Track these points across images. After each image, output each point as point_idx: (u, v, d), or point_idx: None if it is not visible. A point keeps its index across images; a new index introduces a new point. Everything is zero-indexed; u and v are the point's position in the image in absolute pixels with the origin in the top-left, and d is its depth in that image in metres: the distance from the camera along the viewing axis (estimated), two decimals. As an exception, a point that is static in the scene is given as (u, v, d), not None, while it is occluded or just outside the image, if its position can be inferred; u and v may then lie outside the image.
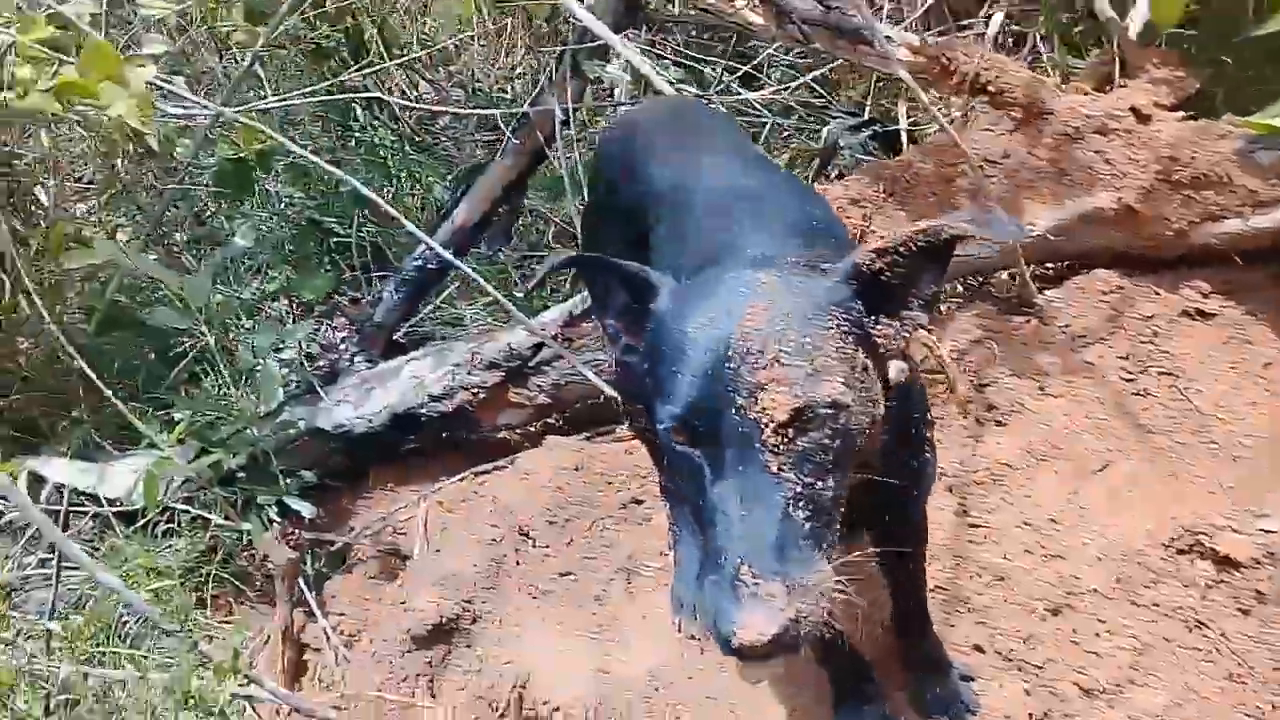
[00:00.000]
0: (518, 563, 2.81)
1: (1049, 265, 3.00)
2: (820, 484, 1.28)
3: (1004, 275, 3.03)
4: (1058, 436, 2.55)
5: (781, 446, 1.25)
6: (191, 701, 2.35)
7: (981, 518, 2.46)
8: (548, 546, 2.80)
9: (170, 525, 3.18)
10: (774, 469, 1.25)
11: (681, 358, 1.32)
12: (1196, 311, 2.70)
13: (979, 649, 2.28)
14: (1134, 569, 2.31)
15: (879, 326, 1.38)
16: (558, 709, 2.34)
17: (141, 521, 3.16)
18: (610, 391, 3.08)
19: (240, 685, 2.46)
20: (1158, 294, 2.75)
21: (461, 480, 3.17)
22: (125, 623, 3.04)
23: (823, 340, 1.30)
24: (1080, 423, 2.57)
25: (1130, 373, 2.63)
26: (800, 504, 1.25)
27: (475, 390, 3.24)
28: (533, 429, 3.34)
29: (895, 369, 1.44)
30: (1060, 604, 2.29)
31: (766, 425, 1.24)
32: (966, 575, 2.37)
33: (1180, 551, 2.33)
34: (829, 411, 1.26)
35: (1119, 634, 2.23)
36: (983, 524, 2.45)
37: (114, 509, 3.16)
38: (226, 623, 3.02)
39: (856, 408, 1.30)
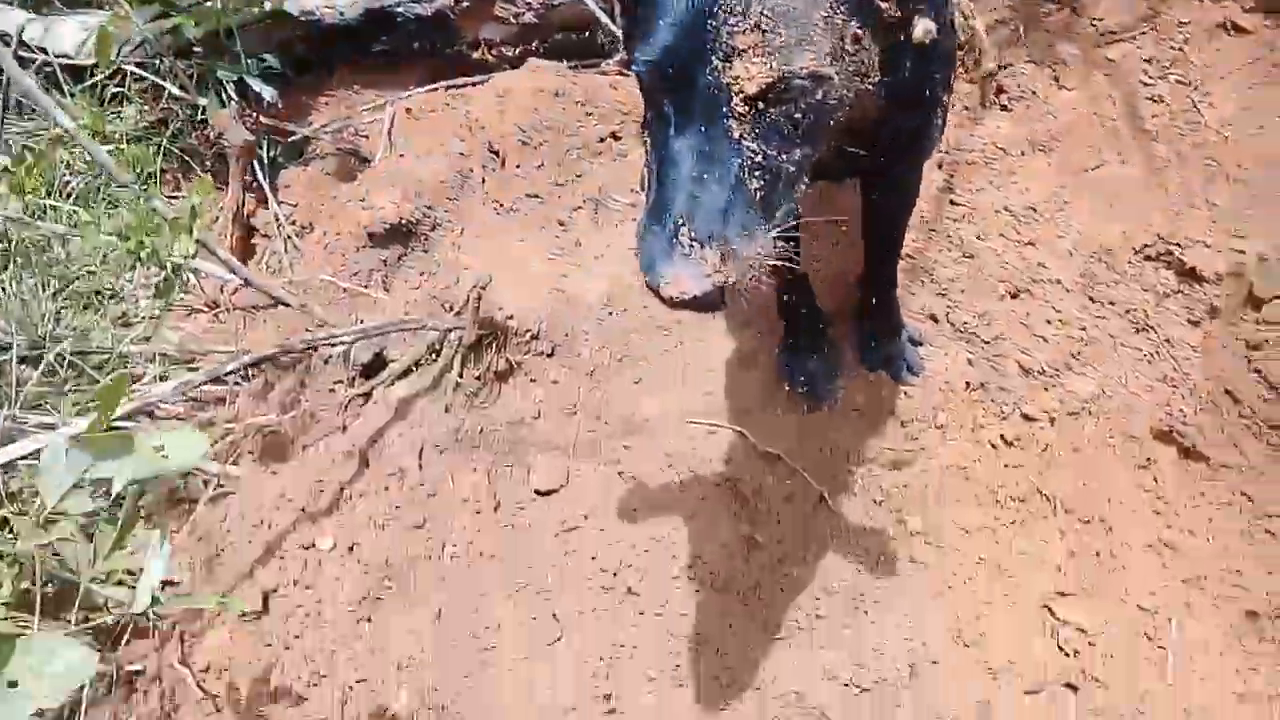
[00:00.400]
0: (484, 180, 2.85)
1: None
2: (784, 155, 1.31)
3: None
4: (1060, 129, 2.59)
5: (749, 115, 1.27)
6: (145, 254, 2.40)
7: (964, 197, 2.54)
8: (517, 167, 2.83)
9: (120, 90, 3.15)
10: (736, 135, 1.28)
11: (666, 2, 1.29)
12: (1232, 25, 2.67)
13: (934, 318, 2.42)
14: (1099, 267, 2.43)
15: None
16: (511, 316, 2.46)
17: (90, 81, 3.11)
18: (604, 18, 3.03)
19: (191, 253, 2.51)
20: (1200, 1, 2.71)
21: (432, 91, 3.15)
22: (68, 183, 3.07)
23: (811, 6, 1.27)
24: (1086, 119, 2.60)
25: (1149, 77, 2.63)
26: (757, 173, 1.29)
27: (459, -4, 3.15)
28: (513, 52, 3.29)
29: (921, 29, 1.42)
30: (1021, 288, 2.42)
31: (737, 94, 1.25)
32: (937, 249, 2.48)
33: (1149, 258, 2.44)
34: (805, 84, 1.27)
35: (1070, 324, 2.39)
36: (964, 203, 2.53)
37: (61, 61, 3.10)
38: (174, 197, 3.06)
39: (839, 80, 1.31)
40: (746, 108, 1.27)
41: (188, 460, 1.58)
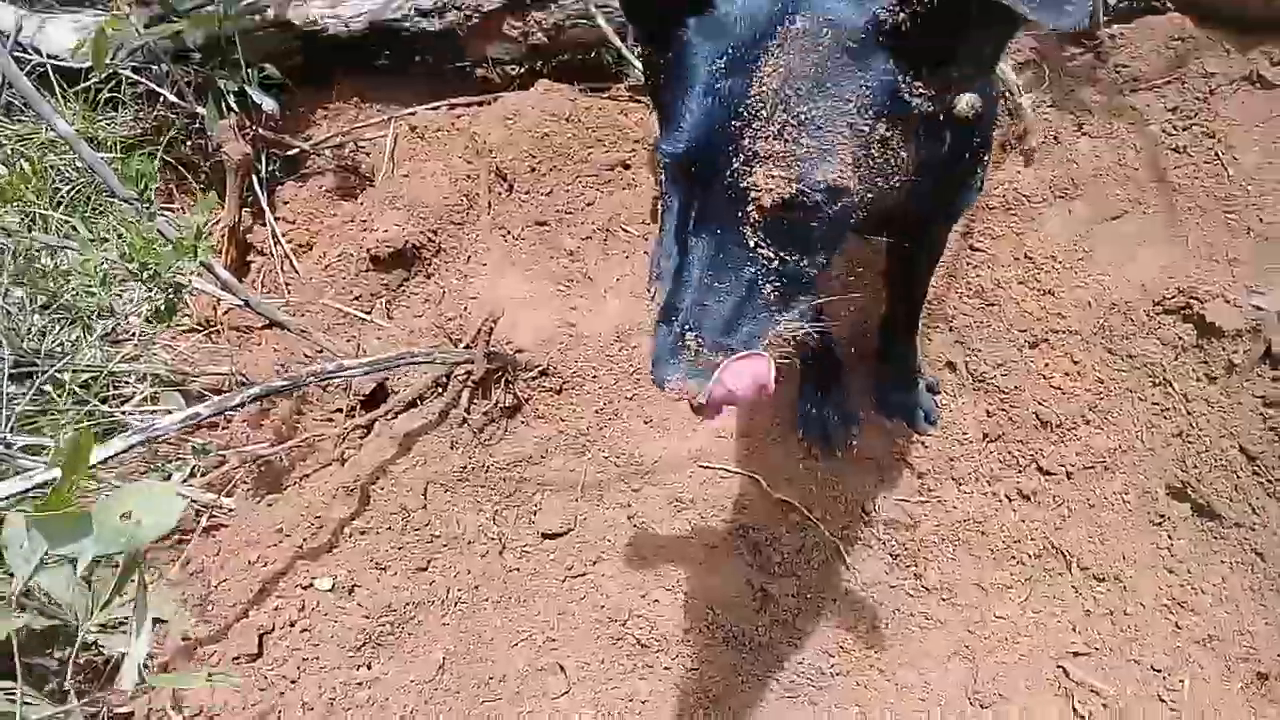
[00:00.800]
0: (490, 204, 2.82)
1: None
2: (801, 258, 1.31)
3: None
4: (1082, 176, 2.59)
5: (765, 223, 1.27)
6: (146, 275, 2.35)
7: (984, 242, 2.53)
8: (526, 193, 2.80)
9: (115, 95, 3.09)
10: (750, 242, 1.28)
11: (695, 95, 1.29)
12: (1258, 77, 2.68)
13: (951, 366, 2.42)
14: (1118, 319, 2.43)
15: (916, 85, 1.30)
16: (520, 351, 2.43)
17: (84, 84, 3.06)
18: (616, 40, 3.00)
19: (194, 270, 2.44)
20: (1226, 51, 2.71)
21: (437, 109, 3.12)
22: (58, 190, 3.01)
23: (837, 113, 1.26)
24: (1109, 167, 2.60)
25: (1173, 127, 2.64)
26: (771, 278, 1.30)
27: (469, 12, 3.11)
28: (519, 71, 3.26)
29: (965, 102, 1.41)
30: (1040, 339, 2.42)
31: (754, 201, 1.25)
32: (956, 295, 2.47)
33: (1168, 311, 2.45)
34: (822, 198, 1.26)
35: (1087, 376, 2.39)
36: (984, 249, 2.53)
37: (54, 63, 3.04)
38: (167, 208, 3.00)
39: (859, 187, 1.29)
40: (761, 216, 1.27)
41: (162, 525, 1.50)
